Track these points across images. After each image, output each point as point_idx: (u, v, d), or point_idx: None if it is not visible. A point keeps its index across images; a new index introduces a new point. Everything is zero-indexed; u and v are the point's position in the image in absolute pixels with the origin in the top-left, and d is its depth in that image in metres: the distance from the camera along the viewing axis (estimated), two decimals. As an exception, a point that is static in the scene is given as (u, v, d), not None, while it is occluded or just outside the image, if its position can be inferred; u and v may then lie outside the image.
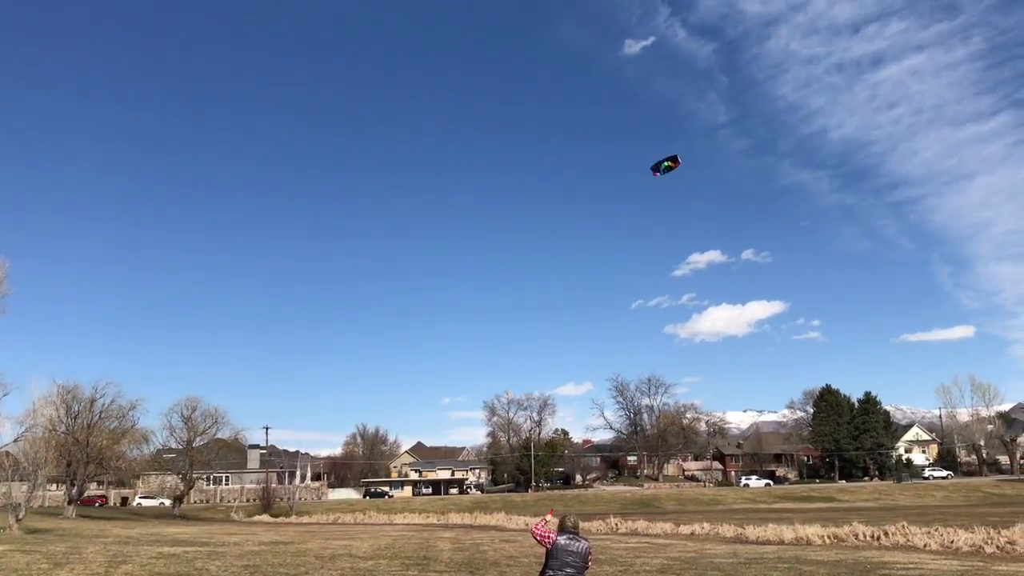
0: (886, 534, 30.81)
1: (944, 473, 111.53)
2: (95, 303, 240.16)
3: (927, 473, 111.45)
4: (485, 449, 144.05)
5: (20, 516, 33.85)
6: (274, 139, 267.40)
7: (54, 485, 76.03)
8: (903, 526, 32.16)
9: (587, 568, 9.08)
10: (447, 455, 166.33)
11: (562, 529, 9.23)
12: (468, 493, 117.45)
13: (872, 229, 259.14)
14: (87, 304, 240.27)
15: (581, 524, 9.55)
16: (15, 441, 47.91)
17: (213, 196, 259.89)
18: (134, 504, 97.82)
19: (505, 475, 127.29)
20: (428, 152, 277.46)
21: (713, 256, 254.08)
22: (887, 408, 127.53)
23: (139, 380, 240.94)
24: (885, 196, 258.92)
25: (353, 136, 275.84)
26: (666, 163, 19.80)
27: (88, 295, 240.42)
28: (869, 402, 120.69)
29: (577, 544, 9.05)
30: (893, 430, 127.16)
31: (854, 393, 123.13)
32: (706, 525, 40.68)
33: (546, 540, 9.06)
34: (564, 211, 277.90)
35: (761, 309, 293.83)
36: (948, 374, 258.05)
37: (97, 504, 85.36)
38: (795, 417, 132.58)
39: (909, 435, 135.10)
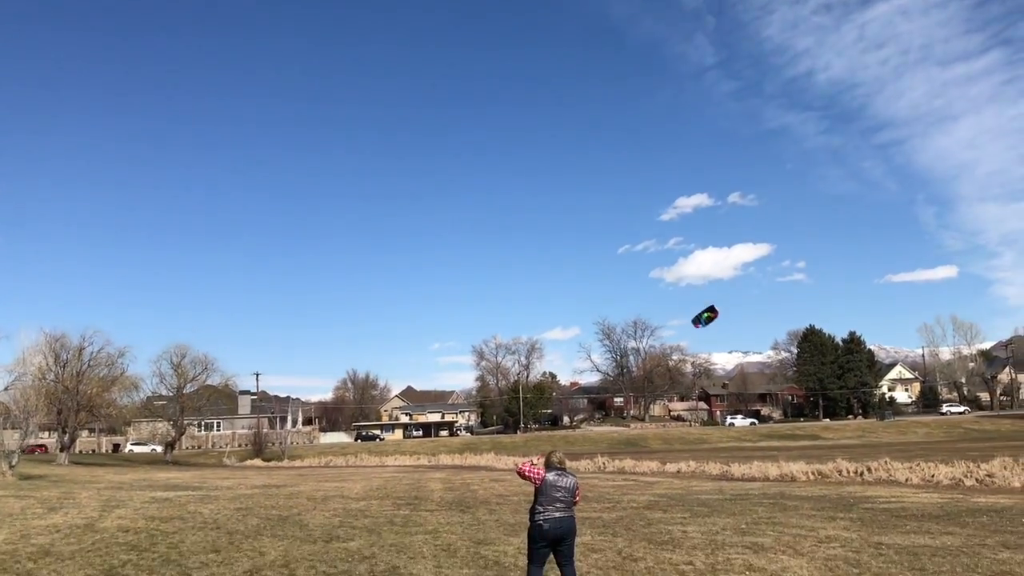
0: (869, 470, 31.38)
1: (961, 409, 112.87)
2: (82, 250, 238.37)
3: (944, 409, 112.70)
4: (474, 393, 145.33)
5: (13, 463, 34.04)
6: (268, 68, 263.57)
7: (46, 433, 76.24)
8: (885, 462, 32.78)
9: (575, 503, 9.10)
10: (437, 399, 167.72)
11: (549, 466, 9.23)
12: (458, 435, 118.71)
13: (858, 171, 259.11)
14: (74, 251, 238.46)
15: (569, 463, 9.62)
16: (5, 390, 48.08)
17: (202, 136, 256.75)
18: (126, 451, 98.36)
19: (494, 417, 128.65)
20: (410, 101, 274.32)
21: (700, 200, 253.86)
22: (871, 348, 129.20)
23: (128, 328, 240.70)
24: (871, 138, 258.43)
25: (350, 75, 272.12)
26: (706, 315, 19.99)
27: (74, 242, 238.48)
28: (853, 342, 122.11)
29: (565, 479, 9.05)
30: (876, 369, 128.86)
31: (838, 333, 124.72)
32: (692, 463, 41.31)
33: (535, 477, 9.05)
34: (551, 156, 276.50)
35: (747, 252, 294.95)
36: (931, 314, 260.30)
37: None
38: (780, 358, 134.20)
39: (892, 374, 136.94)
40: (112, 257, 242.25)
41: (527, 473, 9.13)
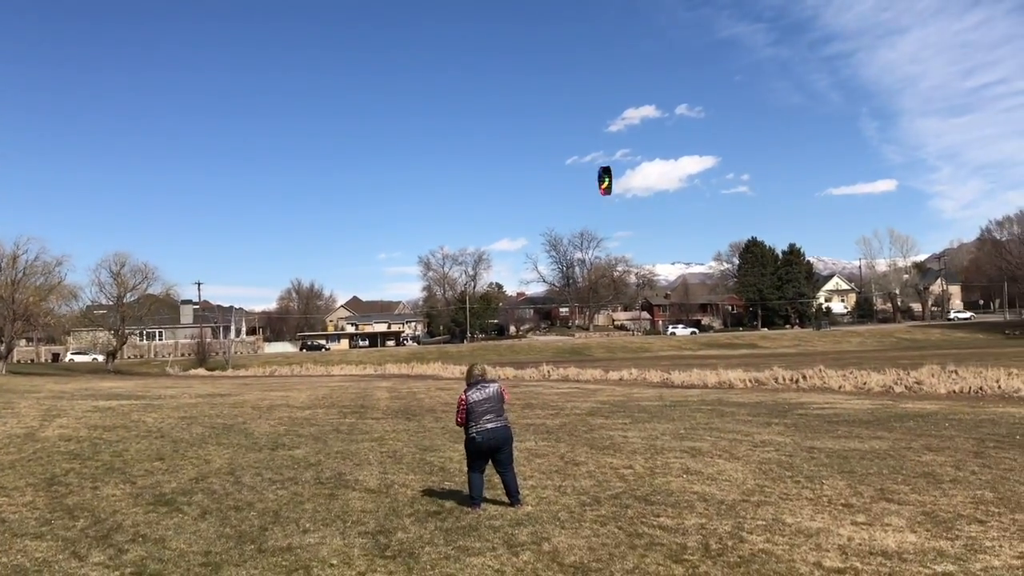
0: (804, 377, 32.39)
1: (967, 314, 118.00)
2: (14, 152, 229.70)
3: (952, 315, 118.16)
4: (421, 303, 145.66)
5: (-52, 373, 33.40)
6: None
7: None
8: (820, 370, 33.86)
9: (504, 405, 9.11)
10: (383, 309, 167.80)
11: (470, 381, 9.21)
12: (405, 345, 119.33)
13: (804, 83, 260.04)
14: (9, 153, 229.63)
15: (510, 372, 9.65)
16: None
17: (137, 26, 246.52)
18: (66, 360, 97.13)
19: (441, 328, 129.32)
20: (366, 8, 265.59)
21: (648, 111, 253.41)
22: (810, 259, 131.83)
23: (65, 237, 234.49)
24: (819, 50, 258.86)
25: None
26: (607, 179, 19.66)
27: (10, 144, 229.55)
28: (793, 253, 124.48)
29: (488, 389, 9.01)
30: (815, 280, 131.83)
31: (779, 245, 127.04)
32: (634, 371, 42.20)
33: (461, 411, 9.03)
34: (500, 64, 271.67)
35: (693, 164, 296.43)
36: (869, 227, 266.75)
37: None
38: (722, 269, 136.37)
39: (830, 285, 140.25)
40: (50, 161, 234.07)
41: (460, 411, 9.05)
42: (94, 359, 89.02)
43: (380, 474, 11.59)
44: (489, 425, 8.88)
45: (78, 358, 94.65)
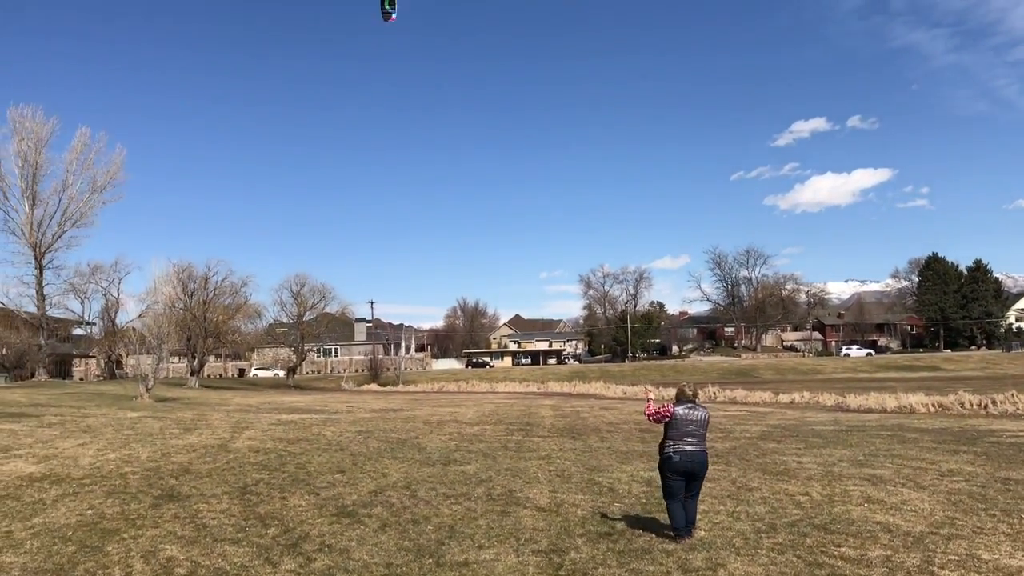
0: (994, 402, 30.25)
1: None
2: (204, 182, 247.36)
3: None
4: (581, 321, 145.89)
5: (150, 386, 36.24)
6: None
7: (176, 358, 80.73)
8: (1012, 395, 31.46)
9: (706, 435, 8.91)
10: (544, 327, 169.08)
11: (680, 399, 8.97)
12: (566, 363, 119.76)
13: (989, 90, 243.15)
14: (197, 183, 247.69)
15: (673, 393, 9.51)
16: (139, 317, 50.90)
17: (315, 67, 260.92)
18: (250, 375, 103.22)
19: (602, 346, 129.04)
20: (521, 22, 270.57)
21: (817, 124, 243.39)
22: (998, 276, 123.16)
23: (249, 258, 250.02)
24: (1005, 54, 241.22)
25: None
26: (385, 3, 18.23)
27: (198, 174, 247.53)
28: (979, 270, 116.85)
29: (697, 413, 8.78)
30: (1004, 299, 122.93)
31: (962, 261, 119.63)
32: (805, 394, 40.66)
33: (664, 414, 8.84)
34: (665, 80, 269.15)
35: (867, 177, 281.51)
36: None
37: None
38: (899, 286, 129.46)
39: (1021, 304, 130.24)
40: (236, 189, 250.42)
41: (661, 413, 8.86)
42: (276, 374, 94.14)
43: (550, 492, 11.71)
44: (689, 448, 8.62)
45: (261, 373, 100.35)
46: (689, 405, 8.83)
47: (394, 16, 18.42)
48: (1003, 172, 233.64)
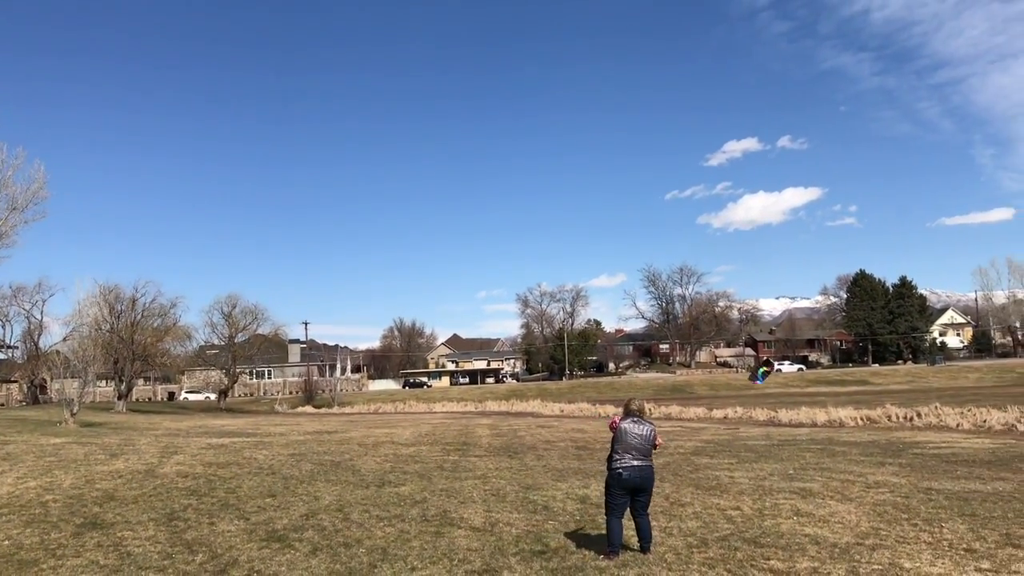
0: (919, 415, 31.13)
1: None
2: (132, 201, 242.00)
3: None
4: (519, 340, 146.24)
5: (75, 411, 35.11)
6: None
7: (103, 381, 78.58)
8: (936, 407, 32.45)
9: (654, 450, 8.91)
10: (482, 346, 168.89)
11: (627, 413, 9.02)
12: (504, 382, 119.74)
13: (912, 112, 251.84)
14: (124, 203, 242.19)
15: (610, 410, 9.58)
16: (64, 340, 49.42)
17: (248, 82, 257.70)
18: (180, 399, 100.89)
19: (539, 364, 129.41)
20: (454, 35, 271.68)
21: (749, 144, 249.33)
22: (922, 292, 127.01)
23: (178, 279, 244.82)
24: (927, 78, 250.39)
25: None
26: (763, 369, 19.70)
27: (125, 193, 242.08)
28: (904, 286, 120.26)
29: (641, 427, 8.79)
30: (928, 314, 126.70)
31: (889, 278, 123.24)
32: (739, 409, 41.30)
33: (611, 425, 8.97)
34: (596, 99, 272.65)
35: (797, 196, 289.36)
36: (986, 257, 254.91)
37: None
38: (828, 303, 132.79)
39: (944, 319, 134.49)
40: (163, 209, 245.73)
41: (610, 425, 9.05)
42: (207, 397, 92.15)
43: (485, 512, 11.65)
44: (635, 463, 8.63)
45: (192, 396, 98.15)
46: (634, 419, 8.87)
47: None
48: (926, 192, 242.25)
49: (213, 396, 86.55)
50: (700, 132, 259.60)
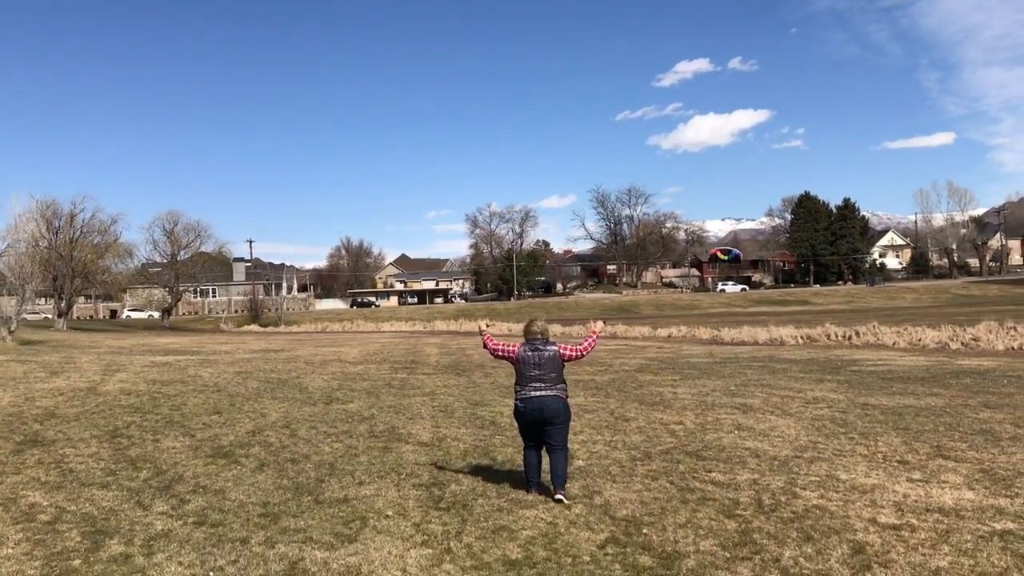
0: (857, 334, 31.95)
1: None
2: (67, 114, 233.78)
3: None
4: (468, 260, 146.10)
5: (12, 328, 34.44)
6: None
7: (43, 299, 77.03)
8: (873, 326, 33.34)
9: (563, 369, 7.68)
10: (431, 267, 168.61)
11: (526, 337, 7.79)
12: (452, 302, 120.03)
13: (862, 35, 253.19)
14: (59, 116, 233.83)
15: (557, 329, 9.38)
16: (0, 257, 48.08)
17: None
18: (123, 317, 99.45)
19: (488, 285, 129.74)
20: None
21: (701, 65, 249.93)
22: (864, 214, 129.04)
23: (119, 195, 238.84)
24: (877, 1, 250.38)
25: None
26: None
27: (61, 104, 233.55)
28: (847, 208, 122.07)
29: (540, 353, 7.59)
30: (869, 236, 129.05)
31: (833, 200, 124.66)
32: (683, 328, 41.99)
33: (506, 351, 7.90)
34: (549, 20, 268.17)
35: (746, 118, 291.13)
36: (927, 180, 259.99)
37: None
38: (773, 224, 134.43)
39: (884, 240, 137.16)
40: (104, 122, 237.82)
41: (499, 352, 7.97)
42: (150, 316, 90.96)
43: (432, 427, 11.74)
44: (534, 394, 7.49)
45: (134, 315, 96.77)
46: (532, 345, 7.67)
47: None
48: (872, 115, 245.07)
49: (156, 314, 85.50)
50: (652, 53, 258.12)
